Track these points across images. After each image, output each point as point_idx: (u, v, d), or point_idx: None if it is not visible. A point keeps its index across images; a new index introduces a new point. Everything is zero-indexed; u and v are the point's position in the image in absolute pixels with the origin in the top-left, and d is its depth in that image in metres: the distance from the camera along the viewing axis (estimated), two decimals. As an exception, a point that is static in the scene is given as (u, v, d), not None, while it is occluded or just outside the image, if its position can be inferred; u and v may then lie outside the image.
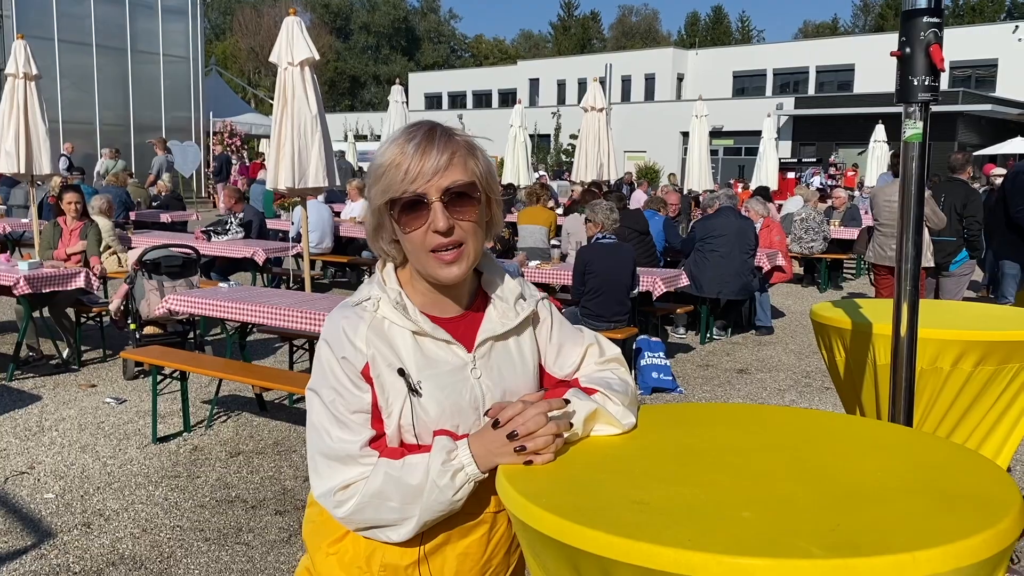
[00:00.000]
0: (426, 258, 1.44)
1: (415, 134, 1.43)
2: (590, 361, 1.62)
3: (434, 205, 1.41)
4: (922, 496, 1.25)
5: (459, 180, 1.42)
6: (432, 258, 1.43)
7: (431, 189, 1.40)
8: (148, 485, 4.62)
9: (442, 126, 1.47)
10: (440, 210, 1.41)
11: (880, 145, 22.94)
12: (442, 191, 1.41)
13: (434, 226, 1.41)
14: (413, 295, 1.51)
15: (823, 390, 6.79)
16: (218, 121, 24.24)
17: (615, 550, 1.10)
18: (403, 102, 15.66)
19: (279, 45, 7.44)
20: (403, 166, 1.40)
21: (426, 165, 1.40)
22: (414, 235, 1.43)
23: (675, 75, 45.87)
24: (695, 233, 8.21)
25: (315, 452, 1.47)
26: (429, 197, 1.40)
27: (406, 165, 1.40)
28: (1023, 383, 2.68)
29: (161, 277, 6.54)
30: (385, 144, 1.47)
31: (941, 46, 1.92)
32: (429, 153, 1.40)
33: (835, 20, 79.31)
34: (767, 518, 1.16)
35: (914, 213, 2.00)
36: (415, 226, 1.42)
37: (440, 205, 1.41)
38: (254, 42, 63.71)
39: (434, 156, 1.40)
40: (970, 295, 10.39)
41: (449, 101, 54.44)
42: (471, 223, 1.45)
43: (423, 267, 1.46)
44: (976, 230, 6.88)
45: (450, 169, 1.41)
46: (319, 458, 1.46)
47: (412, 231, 1.43)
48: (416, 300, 1.51)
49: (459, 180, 1.42)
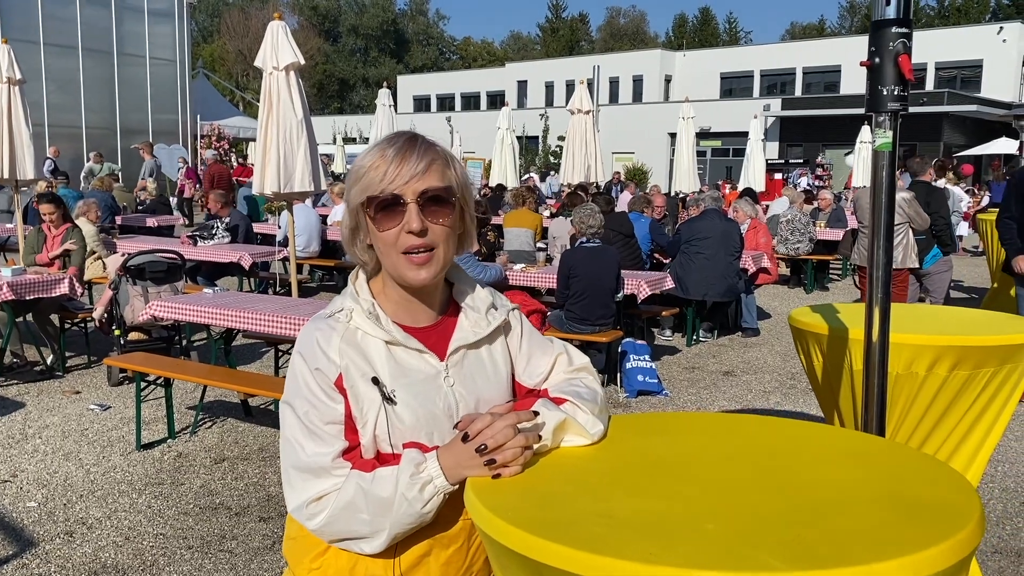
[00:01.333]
0: (398, 259, 1.46)
1: (396, 140, 1.48)
2: (559, 370, 1.63)
3: (409, 206, 1.44)
4: (884, 506, 1.26)
5: (435, 185, 1.46)
6: (403, 259, 1.45)
7: (408, 191, 1.44)
8: (132, 493, 4.60)
9: (423, 136, 1.51)
10: (415, 211, 1.44)
11: (867, 146, 23.05)
12: (418, 194, 1.44)
13: (408, 226, 1.43)
14: (385, 304, 1.53)
15: (808, 392, 6.82)
16: (205, 124, 24.18)
17: (578, 564, 1.11)
18: (390, 105, 15.63)
19: (264, 49, 7.43)
20: (382, 168, 1.44)
21: (404, 169, 1.43)
22: (387, 235, 1.45)
23: (663, 77, 46.00)
24: (680, 235, 8.24)
25: (288, 465, 1.47)
26: (405, 198, 1.43)
27: (385, 168, 1.44)
28: (997, 387, 2.70)
29: (146, 283, 6.52)
30: (367, 149, 1.50)
31: (910, 56, 1.94)
32: (408, 158, 1.44)
33: (822, 21, 79.65)
34: (730, 530, 1.17)
35: (884, 220, 2.02)
36: (389, 226, 1.44)
37: (416, 207, 1.44)
38: (242, 44, 63.51)
39: (413, 161, 1.44)
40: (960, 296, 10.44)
41: (437, 103, 54.43)
42: (444, 228, 1.47)
43: (394, 268, 1.48)
44: (942, 226, 6.94)
45: (428, 174, 1.45)
46: (292, 471, 1.46)
47: (386, 230, 1.45)
48: (388, 310, 1.52)
49: (435, 185, 1.46)
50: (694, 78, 44.96)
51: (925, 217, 7.14)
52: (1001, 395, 2.71)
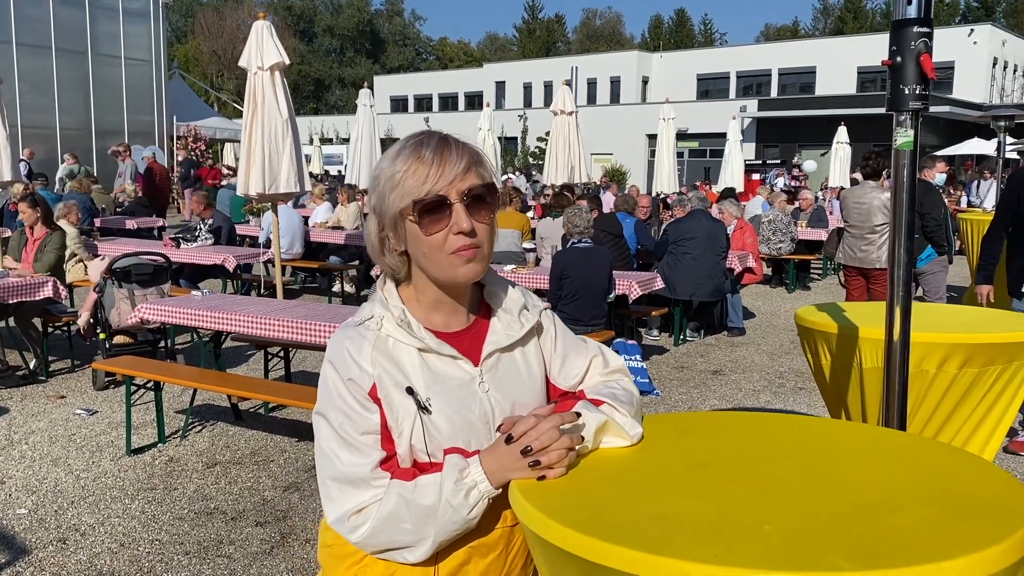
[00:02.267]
0: (446, 259, 1.43)
1: (429, 141, 1.44)
2: (595, 372, 1.61)
3: (456, 207, 1.41)
4: (936, 504, 1.26)
5: (478, 183, 1.43)
6: (452, 259, 1.42)
7: (452, 191, 1.41)
8: (124, 498, 4.54)
9: (451, 135, 1.47)
10: (463, 211, 1.41)
11: (843, 146, 23.29)
12: (463, 193, 1.41)
13: (457, 227, 1.41)
14: (416, 311, 1.50)
15: (797, 391, 6.86)
16: (182, 125, 23.94)
17: (641, 566, 1.10)
18: (371, 106, 15.56)
19: (248, 49, 7.38)
20: (422, 171, 1.40)
21: (447, 169, 1.41)
22: (435, 238, 1.42)
23: (640, 78, 46.20)
24: (667, 236, 8.26)
25: (326, 477, 1.44)
26: (451, 199, 1.41)
27: (426, 170, 1.40)
28: (1005, 383, 2.73)
29: (132, 285, 6.43)
30: (391, 155, 1.46)
31: (931, 55, 1.95)
32: (448, 157, 1.41)
33: (796, 23, 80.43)
34: (788, 531, 1.17)
35: (906, 218, 2.03)
36: (437, 228, 1.41)
37: (462, 207, 1.41)
38: (216, 45, 63.01)
39: (454, 160, 1.42)
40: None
41: (415, 104, 54.30)
42: (487, 226, 1.46)
43: (440, 270, 1.44)
44: (934, 226, 6.98)
45: (469, 173, 1.43)
46: (330, 483, 1.44)
47: (434, 233, 1.41)
48: (420, 316, 1.50)
49: (478, 183, 1.43)
50: (671, 79, 45.20)
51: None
52: (1008, 392, 2.74)
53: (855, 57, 40.96)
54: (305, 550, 3.95)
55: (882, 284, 7.19)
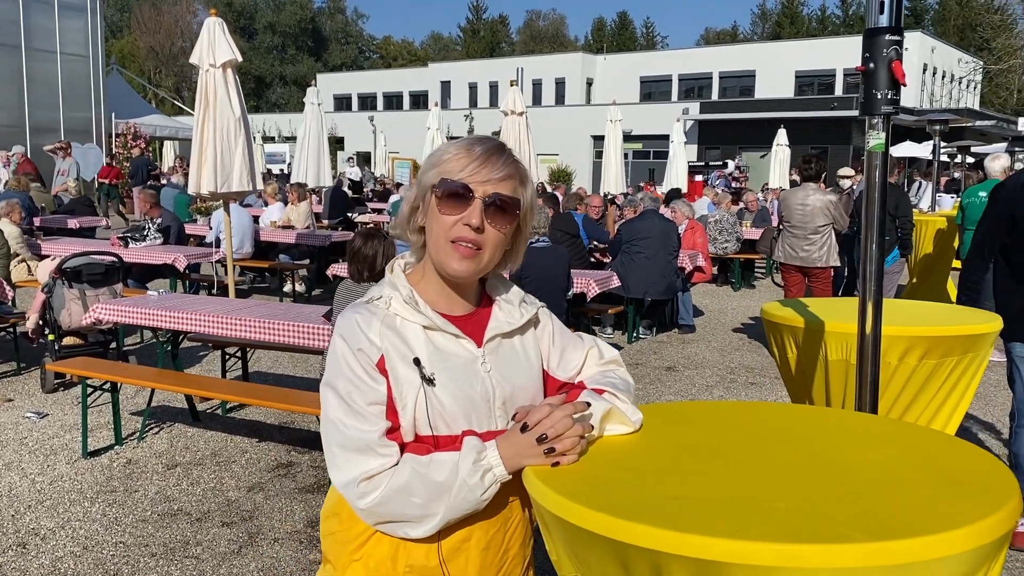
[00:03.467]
0: (445, 245, 1.50)
1: (486, 143, 1.54)
2: (592, 363, 1.68)
3: (475, 201, 1.49)
4: (929, 482, 1.35)
5: (506, 194, 1.51)
6: (450, 247, 1.50)
7: (479, 188, 1.49)
8: (83, 501, 4.46)
9: (510, 149, 1.56)
10: (479, 208, 1.49)
11: (783, 148, 23.86)
12: (487, 195, 1.49)
13: (468, 219, 1.48)
14: (423, 293, 1.57)
15: (748, 385, 7.04)
16: (121, 123, 23.35)
17: (668, 543, 1.16)
18: (318, 104, 15.42)
19: (200, 46, 7.28)
20: (464, 161, 1.50)
21: (485, 169, 1.50)
22: (446, 219, 1.50)
23: (584, 79, 46.56)
24: (621, 235, 8.39)
25: (332, 444, 1.49)
26: (475, 193, 1.48)
27: (468, 162, 1.50)
28: (960, 374, 2.88)
29: (83, 286, 6.30)
30: (450, 143, 1.56)
31: (902, 62, 2.06)
32: (492, 163, 1.51)
33: (735, 27, 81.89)
34: (800, 508, 1.25)
35: (877, 217, 2.13)
36: (450, 212, 1.49)
37: (480, 204, 1.49)
38: (153, 40, 61.62)
39: (495, 166, 1.51)
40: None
41: (359, 103, 53.85)
42: (498, 234, 1.52)
43: (438, 254, 1.52)
44: (908, 229, 7.26)
45: (502, 183, 1.51)
46: (336, 450, 1.48)
47: (446, 214, 1.50)
48: (426, 298, 1.56)
49: (506, 194, 1.51)
50: (615, 81, 45.66)
51: (847, 219, 7.46)
52: (963, 381, 2.89)
53: (793, 61, 41.94)
54: (275, 549, 3.94)
55: (822, 282, 7.42)
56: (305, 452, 5.20)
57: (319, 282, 11.08)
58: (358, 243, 4.47)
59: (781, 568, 1.11)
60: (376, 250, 4.45)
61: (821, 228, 7.30)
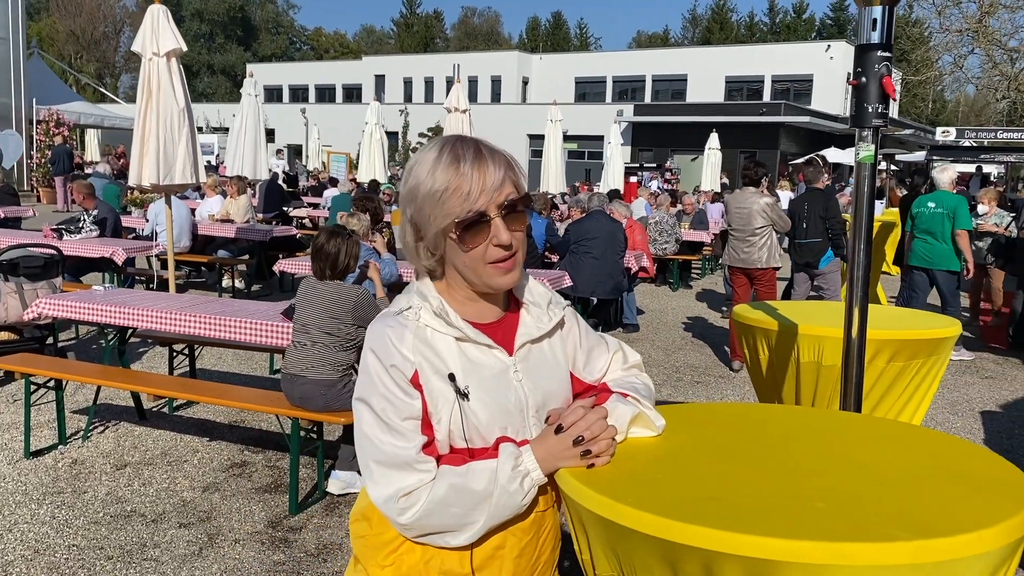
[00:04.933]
0: (484, 269, 1.48)
1: (464, 153, 1.46)
2: (616, 367, 1.71)
3: (495, 221, 1.45)
4: (948, 482, 1.42)
5: (514, 196, 1.48)
6: (490, 269, 1.47)
7: (492, 207, 1.45)
8: (30, 503, 4.30)
9: (483, 141, 1.51)
10: (501, 225, 1.46)
11: (714, 152, 24.36)
12: (501, 207, 1.46)
13: (496, 240, 1.46)
14: (452, 304, 1.54)
15: (695, 384, 7.19)
16: (43, 109, 22.47)
17: (722, 543, 1.20)
18: (256, 95, 15.12)
19: (143, 34, 7.09)
20: (463, 188, 1.43)
21: (487, 182, 1.44)
22: (475, 251, 1.46)
23: (520, 78, 46.72)
24: (569, 236, 8.46)
25: (369, 460, 1.48)
26: (490, 214, 1.45)
27: (467, 187, 1.43)
28: (923, 375, 3.00)
29: (19, 279, 6.06)
30: (427, 165, 1.47)
31: (891, 77, 2.14)
32: (486, 170, 1.45)
33: (666, 31, 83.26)
34: (839, 507, 1.30)
35: (865, 224, 2.22)
36: (476, 243, 1.46)
37: (500, 220, 1.46)
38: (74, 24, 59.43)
39: (491, 172, 1.45)
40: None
41: (290, 94, 52.93)
42: (522, 233, 1.51)
43: (479, 278, 1.49)
44: (838, 231, 7.53)
45: (505, 184, 1.47)
46: (374, 466, 1.47)
47: (474, 248, 1.46)
48: (455, 308, 1.54)
49: (514, 196, 1.48)
50: (550, 81, 45.95)
51: (787, 221, 7.69)
52: (926, 383, 3.02)
53: (724, 67, 42.88)
54: (236, 550, 3.87)
55: (765, 284, 7.64)
56: (259, 451, 5.11)
57: (258, 277, 10.88)
58: (321, 240, 4.42)
59: (832, 566, 1.16)
60: (339, 248, 4.40)
61: (759, 230, 7.50)
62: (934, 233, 7.95)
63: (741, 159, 33.59)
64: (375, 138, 18.07)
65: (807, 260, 7.81)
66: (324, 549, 3.91)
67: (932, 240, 7.98)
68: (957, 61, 27.12)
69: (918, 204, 8.14)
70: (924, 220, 8.02)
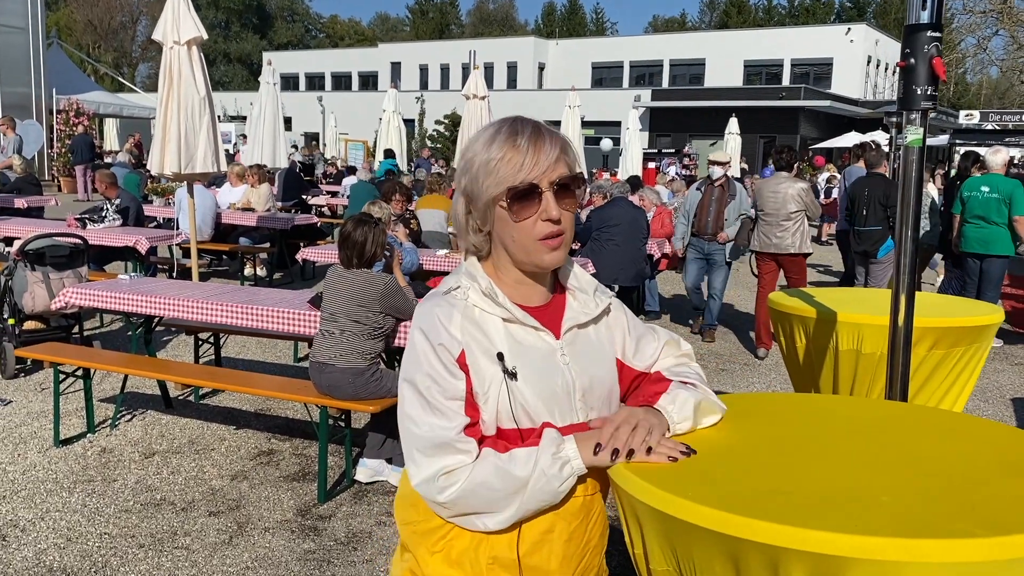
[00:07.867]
0: (533, 245, 1.48)
1: (522, 129, 1.48)
2: (668, 354, 1.68)
3: (546, 195, 1.46)
4: (1013, 475, 1.38)
5: (567, 173, 1.49)
6: (539, 245, 1.48)
7: (544, 180, 1.46)
8: (61, 491, 4.32)
9: (539, 122, 1.52)
10: (552, 199, 1.46)
11: (734, 137, 24.18)
12: (553, 182, 1.46)
13: (546, 214, 1.46)
14: (500, 286, 1.55)
15: (719, 371, 7.14)
16: (62, 98, 22.59)
17: (789, 539, 1.17)
18: (274, 83, 15.12)
19: (164, 22, 7.08)
20: (517, 159, 1.45)
21: (541, 157, 1.46)
22: (525, 224, 1.47)
23: (536, 64, 46.51)
24: (591, 223, 8.41)
25: (409, 440, 1.48)
26: (542, 186, 1.46)
27: (521, 158, 1.45)
28: (964, 364, 2.95)
29: (46, 268, 6.08)
30: (485, 140, 1.50)
31: (942, 58, 2.08)
32: (542, 147, 1.46)
33: (683, 15, 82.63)
34: (905, 502, 1.26)
35: (912, 210, 2.17)
36: (527, 215, 1.46)
37: (551, 195, 1.46)
38: (92, 14, 59.66)
39: (547, 149, 1.47)
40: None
41: (306, 82, 52.96)
42: (571, 213, 1.51)
43: (527, 254, 1.49)
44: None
45: (559, 162, 1.48)
46: (415, 446, 1.47)
47: (523, 219, 1.46)
48: (503, 290, 1.54)
49: (567, 173, 1.49)
50: (567, 67, 45.71)
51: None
52: (967, 371, 2.97)
53: (742, 51, 42.48)
54: (266, 539, 3.88)
55: (795, 270, 7.55)
56: (286, 440, 5.12)
57: (279, 266, 10.90)
58: (349, 228, 4.40)
59: (903, 563, 1.12)
60: (366, 236, 4.38)
61: (793, 215, 7.42)
62: (987, 218, 7.72)
63: (761, 144, 33.35)
64: (393, 125, 18.06)
65: (864, 248, 7.60)
66: (354, 537, 3.91)
67: (984, 225, 7.77)
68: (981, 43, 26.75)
69: (969, 187, 7.90)
70: (977, 205, 7.77)
